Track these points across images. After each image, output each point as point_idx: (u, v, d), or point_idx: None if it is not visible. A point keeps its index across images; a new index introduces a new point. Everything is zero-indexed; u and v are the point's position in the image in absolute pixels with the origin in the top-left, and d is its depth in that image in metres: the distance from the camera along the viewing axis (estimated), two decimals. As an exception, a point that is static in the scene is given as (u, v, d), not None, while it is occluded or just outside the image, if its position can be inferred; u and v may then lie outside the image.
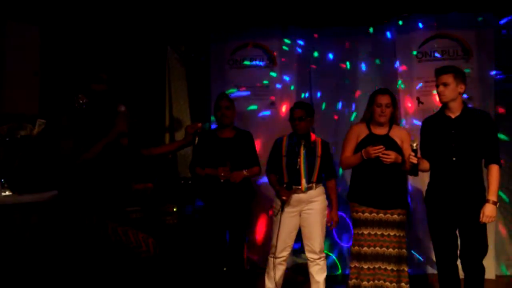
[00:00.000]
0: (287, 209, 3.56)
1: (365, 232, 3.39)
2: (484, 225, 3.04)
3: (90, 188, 2.86)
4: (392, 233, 3.36)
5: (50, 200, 3.02)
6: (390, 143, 3.36)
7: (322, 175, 3.63)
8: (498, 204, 3.03)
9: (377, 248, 3.37)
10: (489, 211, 2.98)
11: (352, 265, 3.43)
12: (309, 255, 3.59)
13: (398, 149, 3.37)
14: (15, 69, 3.89)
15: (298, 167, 3.52)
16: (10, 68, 3.84)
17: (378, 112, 3.40)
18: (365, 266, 3.38)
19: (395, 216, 3.37)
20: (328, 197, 3.66)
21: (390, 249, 3.36)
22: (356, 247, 3.41)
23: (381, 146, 3.29)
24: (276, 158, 3.65)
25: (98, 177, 2.88)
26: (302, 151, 3.54)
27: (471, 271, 3.07)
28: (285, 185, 3.52)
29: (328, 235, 4.03)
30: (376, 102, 3.42)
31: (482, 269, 3.07)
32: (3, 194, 2.95)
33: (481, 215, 2.98)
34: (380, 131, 3.45)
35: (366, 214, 3.39)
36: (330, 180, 3.65)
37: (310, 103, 3.81)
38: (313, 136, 3.65)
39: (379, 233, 3.37)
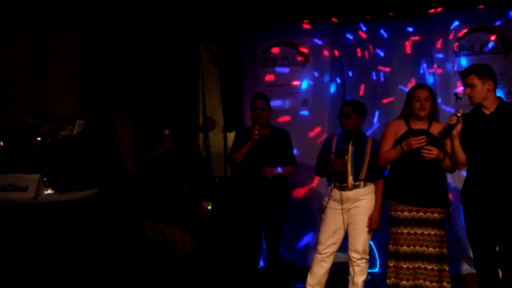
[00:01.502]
0: (333, 206, 3.55)
1: (404, 231, 3.32)
2: None
3: (128, 185, 2.94)
4: (432, 232, 3.28)
5: (89, 198, 3.10)
6: (430, 139, 3.28)
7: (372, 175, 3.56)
8: None
9: (417, 247, 3.29)
10: None
11: (391, 264, 3.36)
12: (351, 254, 3.54)
13: (439, 145, 3.29)
14: (55, 71, 4.03)
15: (345, 164, 3.50)
16: (51, 70, 3.98)
17: (418, 106, 3.32)
18: (404, 266, 3.31)
19: (436, 214, 3.29)
20: None
21: (431, 248, 3.28)
22: (395, 246, 3.35)
23: (423, 137, 3.23)
24: (326, 155, 3.64)
25: (136, 174, 2.95)
26: (350, 149, 3.53)
27: (510, 271, 2.97)
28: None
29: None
30: (415, 96, 3.35)
31: None
32: (46, 192, 3.04)
33: None
34: (420, 126, 3.38)
35: (406, 213, 3.32)
36: (378, 180, 3.58)
37: (359, 101, 3.74)
38: (369, 140, 3.60)
39: (419, 232, 3.29)
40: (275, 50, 4.98)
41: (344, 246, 3.67)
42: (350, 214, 3.54)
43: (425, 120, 3.38)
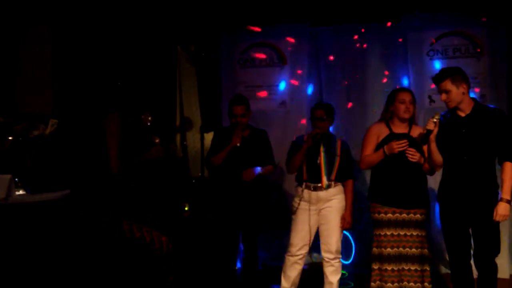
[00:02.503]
0: (304, 207, 3.56)
1: (388, 233, 3.34)
2: (497, 223, 3.01)
3: (110, 185, 2.90)
4: (415, 233, 3.32)
5: (63, 198, 3.04)
6: (411, 142, 3.31)
7: (342, 175, 3.60)
8: None
9: (401, 249, 3.32)
10: (502, 209, 2.94)
11: (375, 267, 3.37)
12: (324, 254, 3.56)
13: (419, 148, 3.31)
14: (28, 70, 3.94)
15: (318, 163, 3.53)
16: (24, 68, 3.89)
17: (403, 109, 3.34)
18: (389, 268, 3.32)
19: (418, 215, 3.33)
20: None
21: (414, 249, 3.31)
22: (378, 249, 3.36)
23: (405, 141, 3.25)
24: (296, 152, 3.63)
25: (114, 175, 2.91)
26: (322, 149, 3.55)
27: (484, 269, 3.04)
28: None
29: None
30: (398, 99, 3.36)
31: (494, 267, 3.04)
32: (17, 193, 2.96)
33: (494, 214, 2.95)
34: (401, 130, 3.40)
35: (389, 215, 3.33)
36: (348, 180, 3.63)
37: (329, 103, 3.79)
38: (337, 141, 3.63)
39: (402, 233, 3.32)
40: (254, 51, 4.98)
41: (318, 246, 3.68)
42: (322, 214, 3.57)
43: (406, 124, 3.41)
